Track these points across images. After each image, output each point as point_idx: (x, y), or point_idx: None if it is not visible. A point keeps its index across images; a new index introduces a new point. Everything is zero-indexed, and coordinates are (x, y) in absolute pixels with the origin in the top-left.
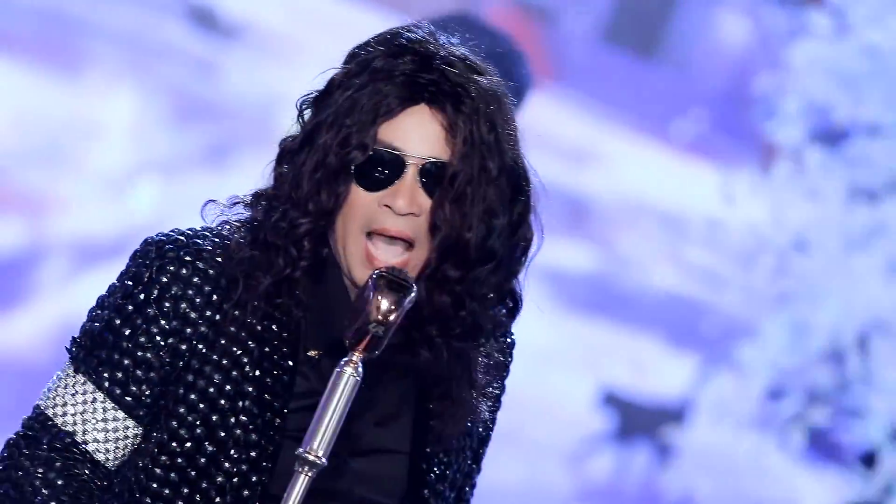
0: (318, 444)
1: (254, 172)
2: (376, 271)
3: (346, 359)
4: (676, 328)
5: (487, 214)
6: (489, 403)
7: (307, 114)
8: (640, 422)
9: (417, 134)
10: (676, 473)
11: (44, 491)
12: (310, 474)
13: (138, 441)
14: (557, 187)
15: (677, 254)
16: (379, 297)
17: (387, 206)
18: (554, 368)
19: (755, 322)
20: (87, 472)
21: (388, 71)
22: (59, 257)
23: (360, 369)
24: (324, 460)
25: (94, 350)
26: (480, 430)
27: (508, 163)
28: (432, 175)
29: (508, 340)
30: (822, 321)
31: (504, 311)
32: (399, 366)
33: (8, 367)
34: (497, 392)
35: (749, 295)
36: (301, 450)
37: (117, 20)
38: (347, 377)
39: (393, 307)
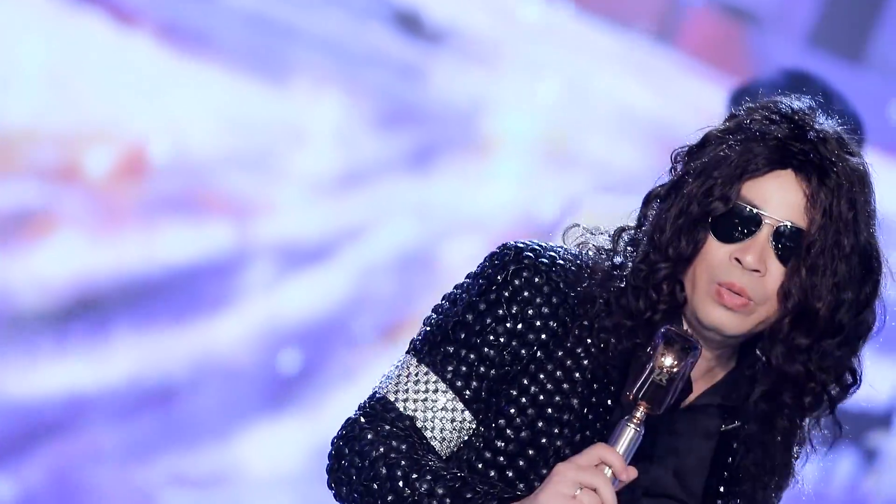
0: None
1: (458, 176)
2: (665, 327)
3: (630, 414)
4: (883, 333)
5: (837, 288)
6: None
7: (678, 165)
8: (845, 427)
9: (778, 197)
10: (882, 479)
11: (391, 455)
12: None
13: (470, 434)
14: None
15: None
16: (662, 353)
17: (737, 259)
18: None
19: None
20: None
21: (763, 133)
22: (265, 260)
23: (642, 427)
24: None
25: (441, 344)
26: None
27: (862, 243)
28: (785, 238)
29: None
30: None
31: (839, 388)
32: (709, 428)
33: (214, 367)
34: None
35: None
36: None
37: (323, 25)
38: (630, 432)
39: (675, 362)
